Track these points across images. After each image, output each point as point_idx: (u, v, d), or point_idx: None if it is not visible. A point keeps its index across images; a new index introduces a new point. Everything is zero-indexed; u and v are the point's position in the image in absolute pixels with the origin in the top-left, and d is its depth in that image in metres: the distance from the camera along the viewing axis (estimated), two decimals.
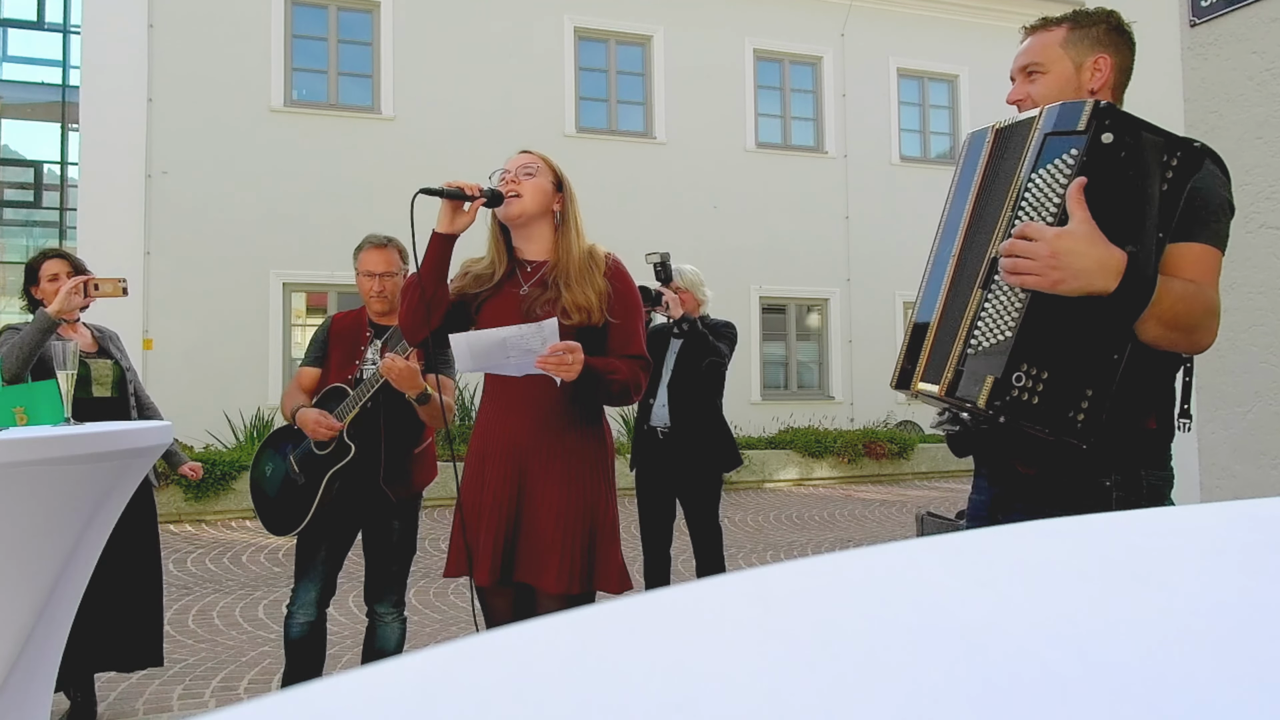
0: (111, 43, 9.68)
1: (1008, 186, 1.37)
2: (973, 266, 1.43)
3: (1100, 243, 1.25)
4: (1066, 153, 1.29)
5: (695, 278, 3.66)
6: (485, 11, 11.02)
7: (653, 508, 3.62)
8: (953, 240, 1.51)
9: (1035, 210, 1.31)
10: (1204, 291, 1.36)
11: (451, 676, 0.30)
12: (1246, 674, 0.30)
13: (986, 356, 1.34)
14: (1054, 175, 1.30)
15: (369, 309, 2.90)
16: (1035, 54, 1.59)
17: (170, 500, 7.95)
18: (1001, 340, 1.32)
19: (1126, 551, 0.48)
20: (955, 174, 1.59)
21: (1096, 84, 1.54)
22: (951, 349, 1.41)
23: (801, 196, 12.33)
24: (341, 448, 2.69)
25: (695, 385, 3.54)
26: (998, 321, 1.33)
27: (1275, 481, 2.55)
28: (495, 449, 2.16)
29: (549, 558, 2.08)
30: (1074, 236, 1.24)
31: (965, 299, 1.42)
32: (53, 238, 14.44)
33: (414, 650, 0.56)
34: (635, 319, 2.25)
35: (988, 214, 1.44)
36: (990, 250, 1.37)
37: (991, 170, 1.47)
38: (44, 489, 1.89)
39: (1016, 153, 1.38)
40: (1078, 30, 1.57)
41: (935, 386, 1.44)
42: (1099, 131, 1.25)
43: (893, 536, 6.89)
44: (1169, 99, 2.85)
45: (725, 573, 0.61)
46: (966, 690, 0.29)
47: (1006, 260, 1.29)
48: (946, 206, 1.57)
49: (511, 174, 2.20)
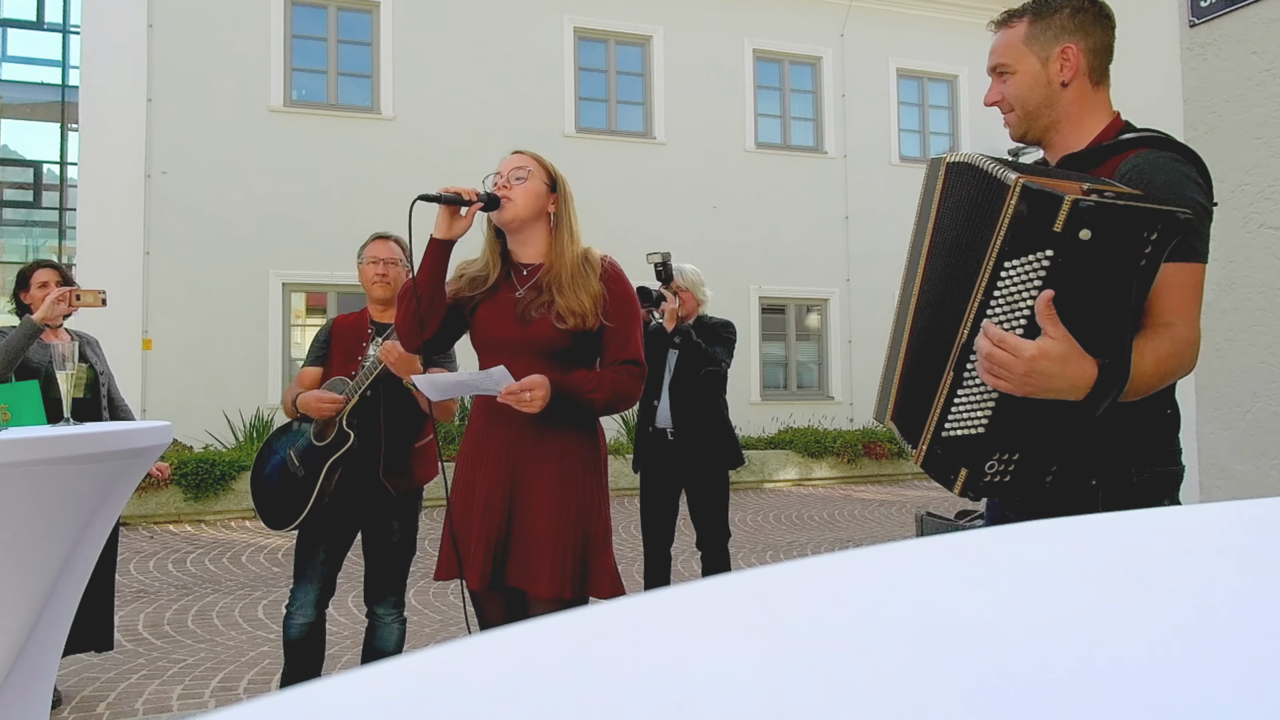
0: (111, 43, 9.68)
1: (980, 260, 1.28)
2: (943, 332, 1.39)
3: (1073, 360, 1.21)
4: (1042, 251, 1.20)
5: (696, 277, 3.68)
6: (485, 11, 11.02)
7: (656, 508, 3.63)
8: (917, 278, 1.50)
9: (1007, 305, 1.25)
10: (1178, 340, 1.32)
11: (451, 677, 0.30)
12: (1246, 674, 0.30)
13: (959, 444, 1.34)
14: (1026, 274, 1.22)
15: (371, 299, 2.93)
16: (1001, 54, 1.55)
17: (170, 500, 7.95)
18: (974, 434, 1.32)
19: (1126, 551, 0.48)
20: (933, 201, 1.52)
21: (1067, 75, 1.50)
22: (926, 421, 1.39)
23: (801, 197, 12.33)
24: (341, 436, 2.70)
25: (696, 387, 3.57)
26: (971, 410, 1.33)
27: (1275, 481, 2.55)
28: (487, 453, 2.15)
29: (541, 562, 2.06)
30: (1048, 357, 1.20)
31: (936, 368, 1.39)
32: (52, 238, 14.45)
33: (413, 650, 0.56)
34: (632, 323, 2.22)
35: (958, 280, 1.36)
36: (961, 330, 1.31)
37: (962, 221, 1.40)
38: (44, 489, 1.89)
39: (989, 222, 1.27)
40: (1039, 23, 1.51)
41: (911, 449, 1.45)
42: (1076, 229, 1.17)
43: (892, 537, 6.88)
44: (1168, 99, 2.86)
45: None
46: (966, 690, 0.29)
47: (983, 361, 1.25)
48: (926, 236, 1.53)
49: (503, 177, 2.18)
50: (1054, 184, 1.21)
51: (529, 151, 2.27)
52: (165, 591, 5.26)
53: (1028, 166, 1.39)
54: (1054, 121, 1.53)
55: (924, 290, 1.49)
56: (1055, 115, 1.53)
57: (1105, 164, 1.45)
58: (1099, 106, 1.53)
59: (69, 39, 13.41)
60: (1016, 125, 1.58)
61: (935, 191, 1.49)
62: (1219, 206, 1.53)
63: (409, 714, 0.27)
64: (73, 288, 3.13)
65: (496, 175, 2.21)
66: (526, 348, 2.12)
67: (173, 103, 9.86)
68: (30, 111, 14.62)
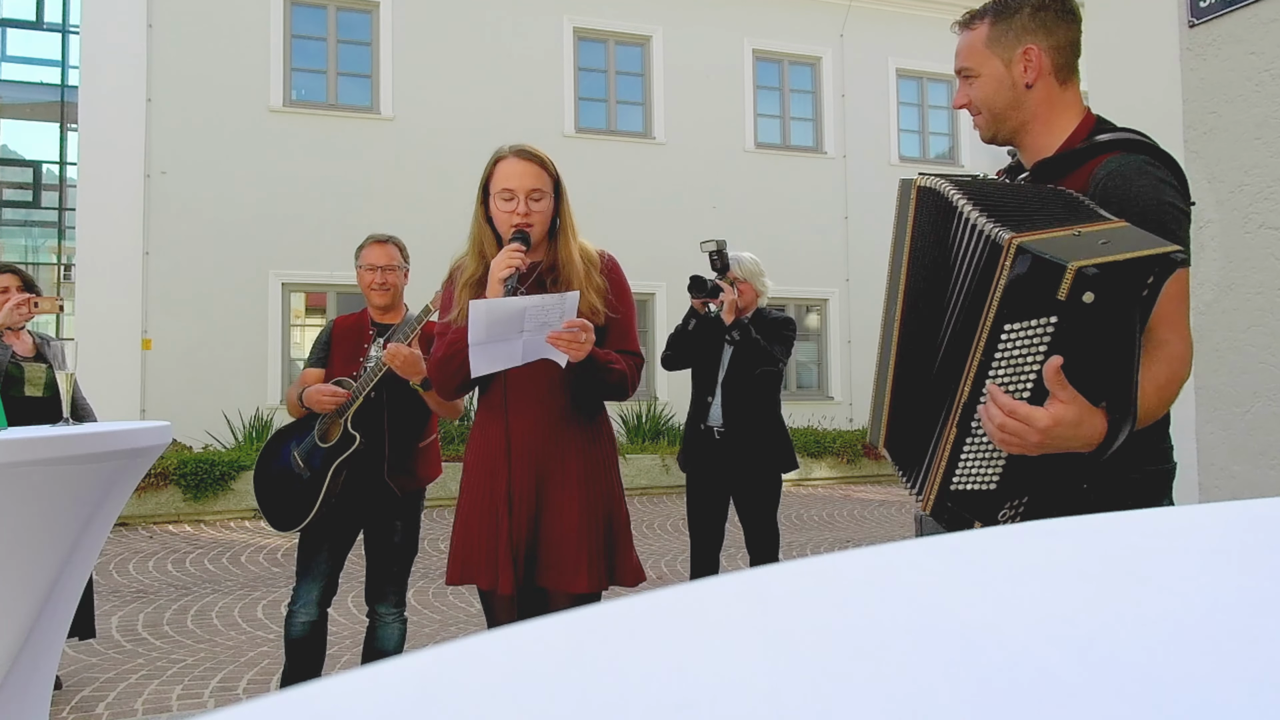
0: (110, 43, 9.67)
1: (978, 315, 1.24)
2: (926, 363, 1.37)
3: (1086, 421, 1.20)
4: (1045, 317, 1.17)
5: (755, 267, 3.48)
6: (485, 11, 11.02)
7: (704, 508, 3.46)
8: (898, 305, 1.48)
9: (1011, 368, 1.22)
10: (1173, 359, 1.31)
11: (451, 677, 0.30)
12: (1246, 674, 0.30)
13: (970, 498, 1.33)
14: (1029, 339, 1.20)
15: (370, 304, 2.94)
16: (964, 57, 1.53)
17: (170, 500, 7.95)
18: (985, 489, 1.32)
19: (1125, 551, 0.48)
20: (906, 229, 1.49)
21: (1031, 77, 1.47)
22: (929, 470, 1.38)
23: (801, 197, 12.33)
24: (346, 438, 2.70)
25: (751, 385, 3.40)
26: (980, 467, 1.32)
27: (1274, 481, 2.55)
28: (510, 453, 2.10)
29: (577, 559, 2.06)
30: (1062, 424, 1.18)
31: (927, 407, 1.38)
32: (51, 238, 14.45)
33: (413, 650, 0.56)
34: (630, 315, 2.23)
35: (935, 316, 1.34)
36: (962, 387, 1.28)
37: (935, 259, 1.38)
38: (43, 489, 1.89)
39: (987, 278, 1.23)
40: (999, 24, 1.49)
41: (918, 499, 1.43)
42: (1079, 294, 1.14)
43: (891, 537, 6.88)
44: (1168, 99, 2.86)
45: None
46: (965, 690, 0.29)
47: (994, 430, 1.23)
48: (903, 268, 1.51)
49: (521, 204, 2.09)
50: (1044, 237, 1.18)
51: (534, 154, 2.14)
52: (165, 591, 5.26)
53: (983, 186, 1.37)
54: (1022, 123, 1.51)
55: (905, 320, 1.47)
56: (1023, 116, 1.51)
57: (1079, 169, 1.43)
58: (1068, 105, 1.51)
59: (68, 39, 13.41)
60: (985, 128, 1.56)
61: (908, 220, 1.46)
62: (1219, 207, 1.52)
63: (409, 714, 0.27)
64: (30, 295, 3.34)
65: (506, 191, 2.10)
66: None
67: (172, 103, 9.86)
68: (30, 111, 14.63)
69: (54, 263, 14.88)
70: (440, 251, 2.34)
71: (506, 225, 2.10)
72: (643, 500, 8.96)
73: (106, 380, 8.31)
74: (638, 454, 9.75)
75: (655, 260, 11.14)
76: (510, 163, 2.11)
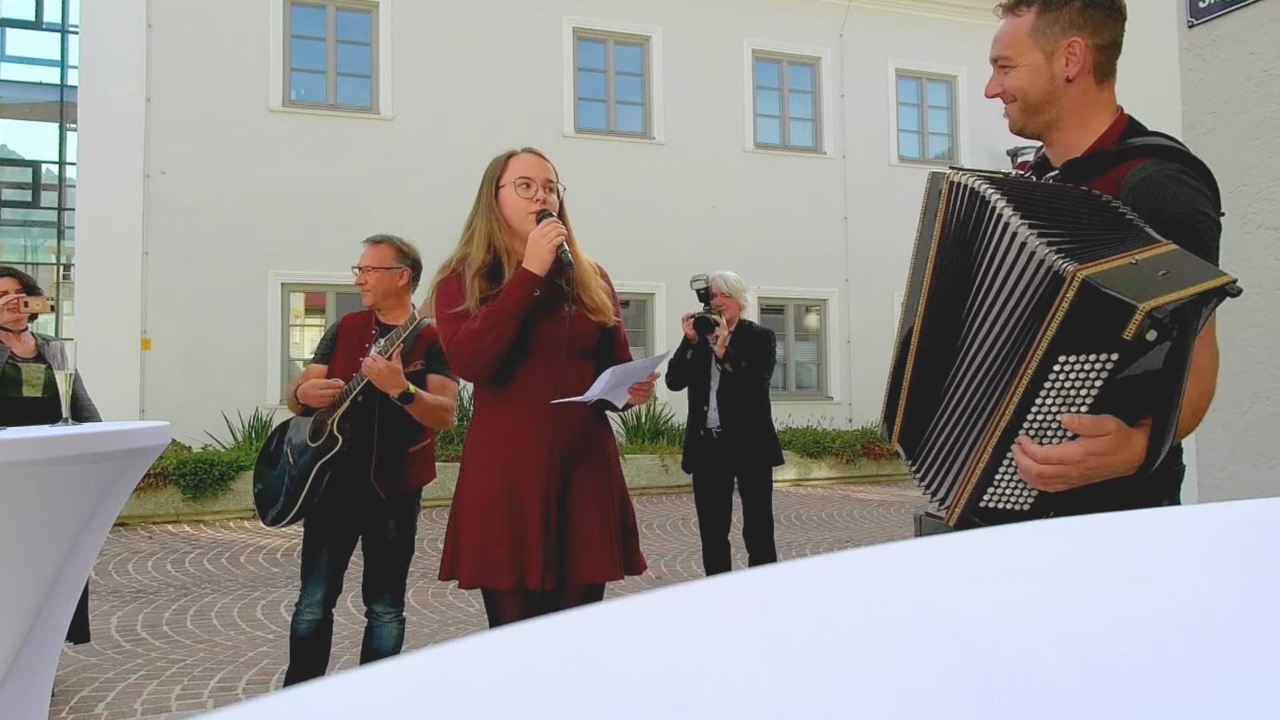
0: (110, 43, 9.67)
1: (1027, 339, 1.21)
2: (975, 393, 1.33)
3: (1121, 447, 1.18)
4: (1106, 354, 1.14)
5: (738, 284, 4.01)
6: (484, 12, 11.02)
7: (710, 500, 3.99)
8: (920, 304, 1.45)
9: (1062, 398, 1.20)
10: (1203, 372, 1.29)
11: (451, 676, 0.30)
12: (1246, 674, 0.30)
13: (1000, 516, 1.32)
14: (1086, 373, 1.17)
15: (370, 306, 2.95)
16: (1004, 46, 1.50)
17: (169, 500, 7.95)
18: (1017, 509, 1.31)
19: (1125, 551, 0.48)
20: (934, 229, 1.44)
21: (1072, 71, 1.45)
22: (955, 483, 1.36)
23: (800, 197, 12.33)
24: (330, 440, 2.71)
25: (741, 393, 3.92)
26: (1015, 490, 1.30)
27: (1273, 482, 2.55)
28: (536, 452, 2.07)
29: (604, 551, 2.10)
30: (1097, 454, 1.18)
31: (958, 423, 1.36)
32: (51, 238, 14.44)
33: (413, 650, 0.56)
34: (620, 321, 2.31)
35: (1000, 352, 1.29)
36: (1003, 411, 1.25)
37: (962, 260, 1.35)
38: (42, 489, 1.89)
39: (1044, 306, 1.20)
40: (1047, 15, 1.45)
41: (941, 510, 1.41)
42: (1144, 333, 1.10)
43: (891, 537, 6.88)
44: (1167, 99, 2.86)
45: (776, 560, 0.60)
46: (965, 690, 0.29)
47: (1035, 479, 1.22)
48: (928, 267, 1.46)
49: (539, 191, 2.13)
50: (1105, 269, 1.14)
51: (545, 155, 2.21)
52: (164, 591, 5.26)
53: (1022, 189, 1.33)
54: (1055, 118, 1.48)
55: (927, 319, 1.43)
56: (1057, 112, 1.48)
57: (1110, 172, 1.41)
58: (1103, 105, 1.48)
59: (68, 39, 13.40)
60: (1016, 118, 1.53)
61: (936, 216, 1.42)
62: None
63: (409, 714, 0.27)
64: (20, 295, 3.49)
65: (524, 179, 2.12)
66: (576, 345, 2.12)
67: (172, 103, 9.85)
68: (29, 111, 14.61)
69: (53, 263, 14.87)
70: (441, 251, 2.32)
71: (522, 213, 2.12)
72: (643, 500, 8.96)
73: (106, 380, 8.30)
74: (637, 454, 9.74)
75: (655, 260, 11.14)
76: (526, 156, 2.19)
